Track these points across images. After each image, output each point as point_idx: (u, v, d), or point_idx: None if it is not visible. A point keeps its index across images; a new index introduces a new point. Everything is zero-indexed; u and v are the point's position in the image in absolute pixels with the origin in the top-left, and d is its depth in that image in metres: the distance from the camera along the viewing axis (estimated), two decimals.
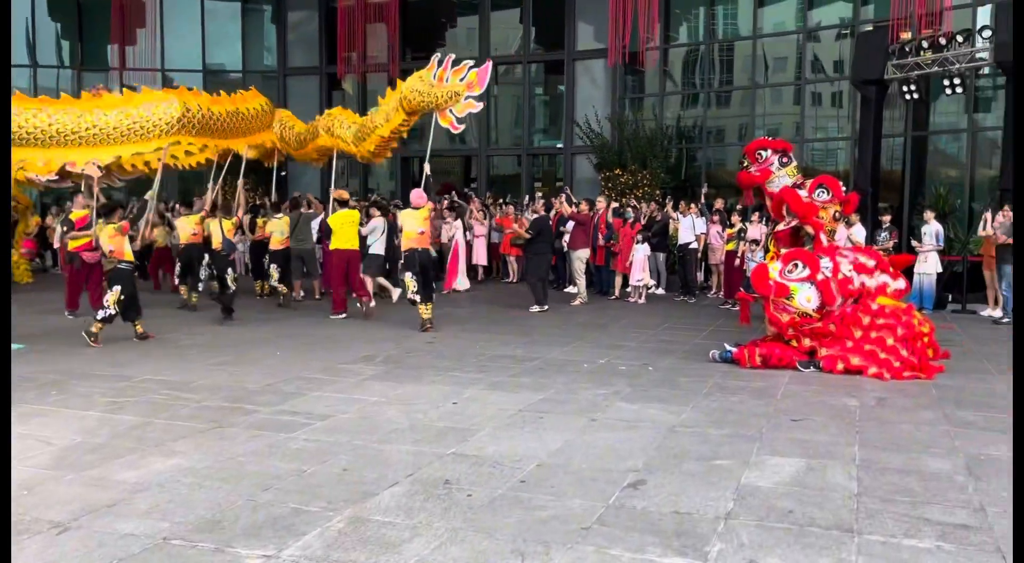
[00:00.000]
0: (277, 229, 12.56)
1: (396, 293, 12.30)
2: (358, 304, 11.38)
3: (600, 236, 13.57)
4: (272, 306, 12.36)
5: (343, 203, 11.64)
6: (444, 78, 11.28)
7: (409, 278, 10.16)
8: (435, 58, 11.55)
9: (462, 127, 11.97)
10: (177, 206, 14.83)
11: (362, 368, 7.73)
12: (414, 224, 10.37)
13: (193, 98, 12.44)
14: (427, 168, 11.56)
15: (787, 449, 5.14)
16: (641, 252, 12.77)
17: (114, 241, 9.30)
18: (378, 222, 12.02)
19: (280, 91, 21.28)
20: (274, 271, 12.46)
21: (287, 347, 8.88)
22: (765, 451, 5.10)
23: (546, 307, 11.78)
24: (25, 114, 11.65)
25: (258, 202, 16.07)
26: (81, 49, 21.32)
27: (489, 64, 11.41)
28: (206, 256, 11.85)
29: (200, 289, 12.05)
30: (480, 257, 16.00)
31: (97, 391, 6.75)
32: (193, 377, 7.31)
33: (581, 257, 12.74)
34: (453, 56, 11.39)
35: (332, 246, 11.32)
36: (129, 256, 9.42)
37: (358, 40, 18.23)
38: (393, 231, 12.18)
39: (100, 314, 9.07)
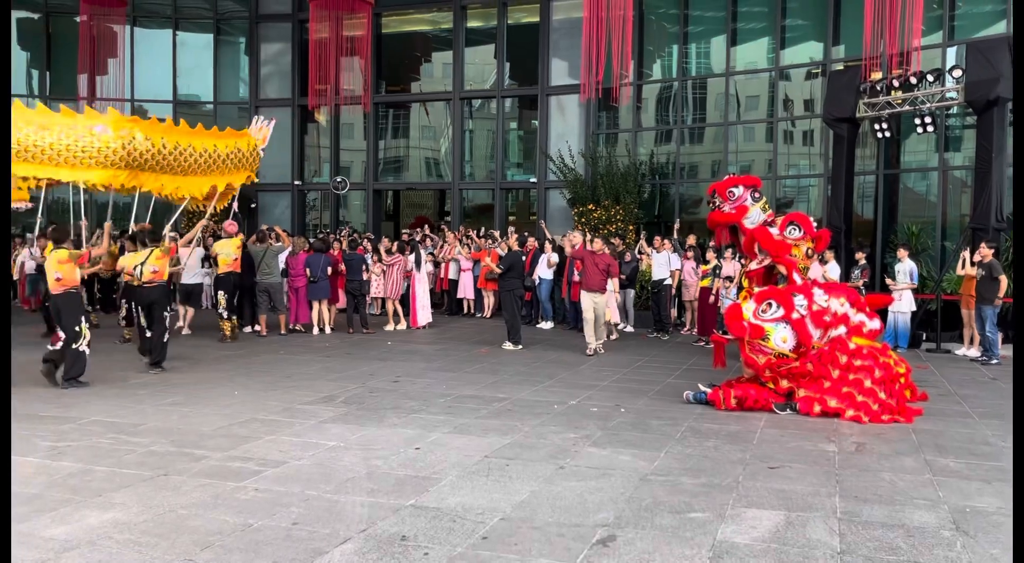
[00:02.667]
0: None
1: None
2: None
3: (576, 272, 13.36)
4: (236, 342, 11.96)
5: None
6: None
7: (222, 297, 11.79)
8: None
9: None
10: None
11: (322, 409, 7.39)
12: (229, 251, 11.99)
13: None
14: (235, 205, 12.48)
15: (765, 500, 4.89)
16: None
17: (160, 262, 9.66)
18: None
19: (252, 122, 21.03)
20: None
21: (246, 386, 8.52)
22: (742, 502, 4.84)
23: (520, 346, 11.52)
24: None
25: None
26: (49, 78, 20.99)
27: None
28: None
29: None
30: (467, 291, 15.80)
31: (39, 434, 6.36)
32: (143, 419, 6.94)
33: (592, 301, 11.17)
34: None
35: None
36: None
37: (331, 73, 18.09)
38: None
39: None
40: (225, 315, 12.05)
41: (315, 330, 13.00)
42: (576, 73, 17.37)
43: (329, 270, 13.09)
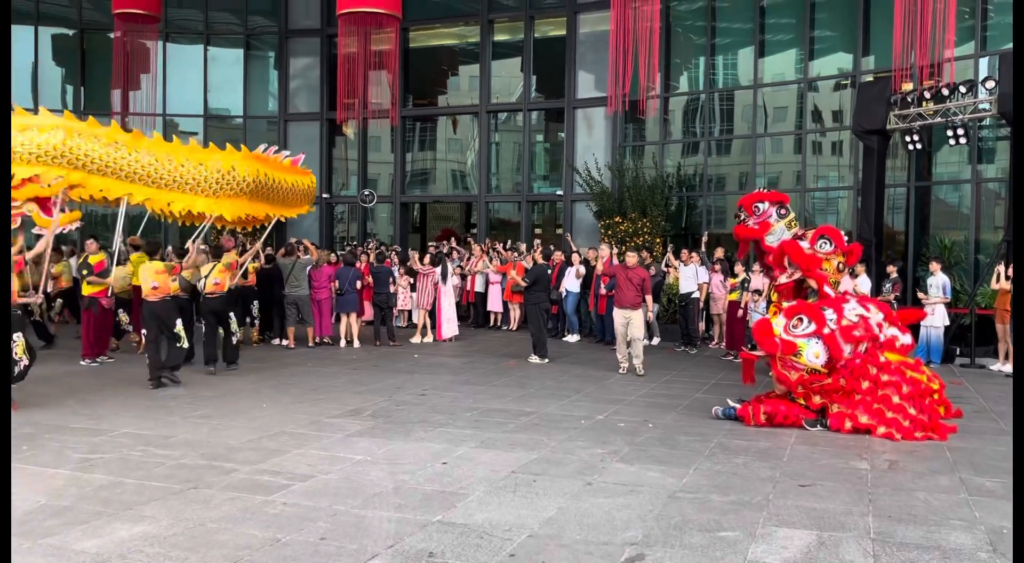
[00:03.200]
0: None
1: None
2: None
3: (603, 285, 13.34)
4: (264, 354, 12.05)
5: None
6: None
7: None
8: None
9: None
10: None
11: (349, 423, 7.41)
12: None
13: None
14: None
15: (796, 519, 4.82)
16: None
17: (223, 275, 10.36)
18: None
19: (281, 136, 21.29)
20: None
21: (274, 398, 8.57)
22: (773, 521, 4.77)
23: (547, 359, 11.50)
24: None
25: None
26: (84, 93, 21.40)
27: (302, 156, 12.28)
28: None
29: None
30: (494, 303, 15.83)
31: (70, 446, 6.44)
32: (173, 431, 7.00)
33: (624, 317, 10.52)
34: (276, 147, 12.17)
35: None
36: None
37: (359, 86, 18.29)
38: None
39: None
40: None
41: (343, 343, 13.06)
42: (602, 86, 17.38)
43: (358, 284, 13.17)
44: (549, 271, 12.78)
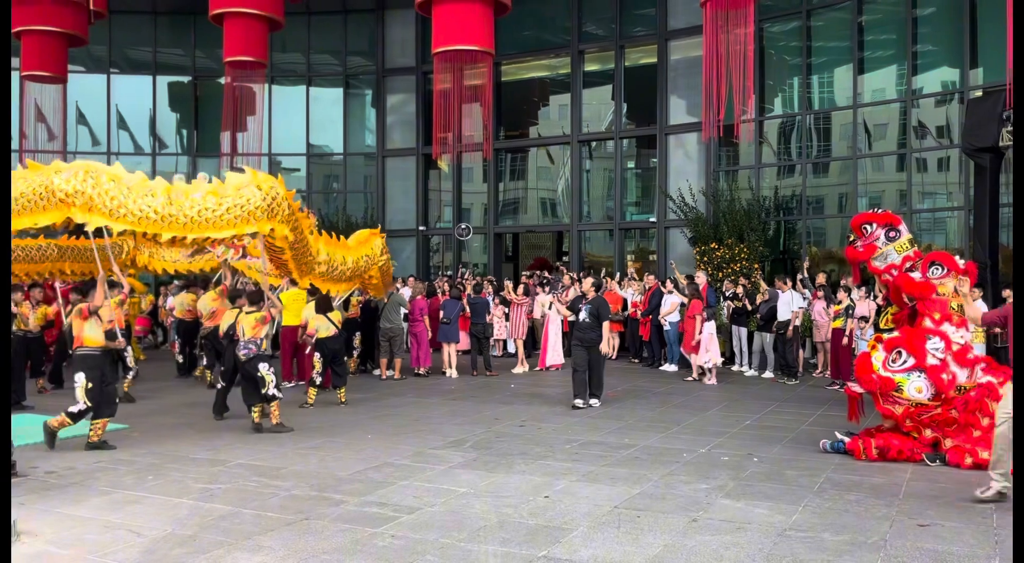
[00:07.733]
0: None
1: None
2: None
3: None
4: (365, 385, 12.36)
5: (295, 281, 11.83)
6: None
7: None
8: None
9: None
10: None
11: (451, 454, 7.54)
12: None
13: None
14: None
15: (917, 561, 4.62)
16: (707, 331, 12.34)
17: (336, 316, 10.94)
18: None
19: (379, 171, 22.00)
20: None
21: (377, 430, 8.79)
22: None
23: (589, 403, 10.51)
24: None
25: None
26: (197, 136, 22.68)
27: None
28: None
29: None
30: None
31: (191, 476, 6.78)
32: (284, 462, 7.28)
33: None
34: None
35: (284, 322, 11.76)
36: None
37: (453, 121, 18.75)
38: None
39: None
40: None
41: (450, 372, 13.19)
42: (694, 111, 17.25)
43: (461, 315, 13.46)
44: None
